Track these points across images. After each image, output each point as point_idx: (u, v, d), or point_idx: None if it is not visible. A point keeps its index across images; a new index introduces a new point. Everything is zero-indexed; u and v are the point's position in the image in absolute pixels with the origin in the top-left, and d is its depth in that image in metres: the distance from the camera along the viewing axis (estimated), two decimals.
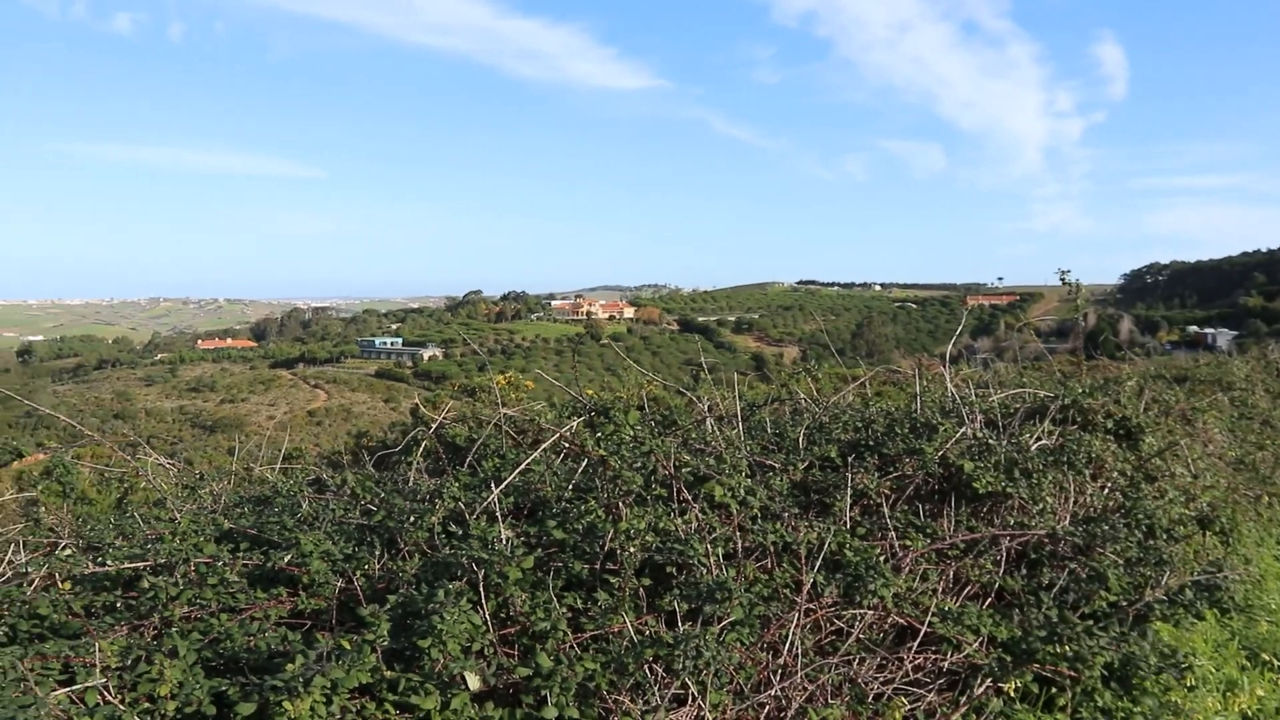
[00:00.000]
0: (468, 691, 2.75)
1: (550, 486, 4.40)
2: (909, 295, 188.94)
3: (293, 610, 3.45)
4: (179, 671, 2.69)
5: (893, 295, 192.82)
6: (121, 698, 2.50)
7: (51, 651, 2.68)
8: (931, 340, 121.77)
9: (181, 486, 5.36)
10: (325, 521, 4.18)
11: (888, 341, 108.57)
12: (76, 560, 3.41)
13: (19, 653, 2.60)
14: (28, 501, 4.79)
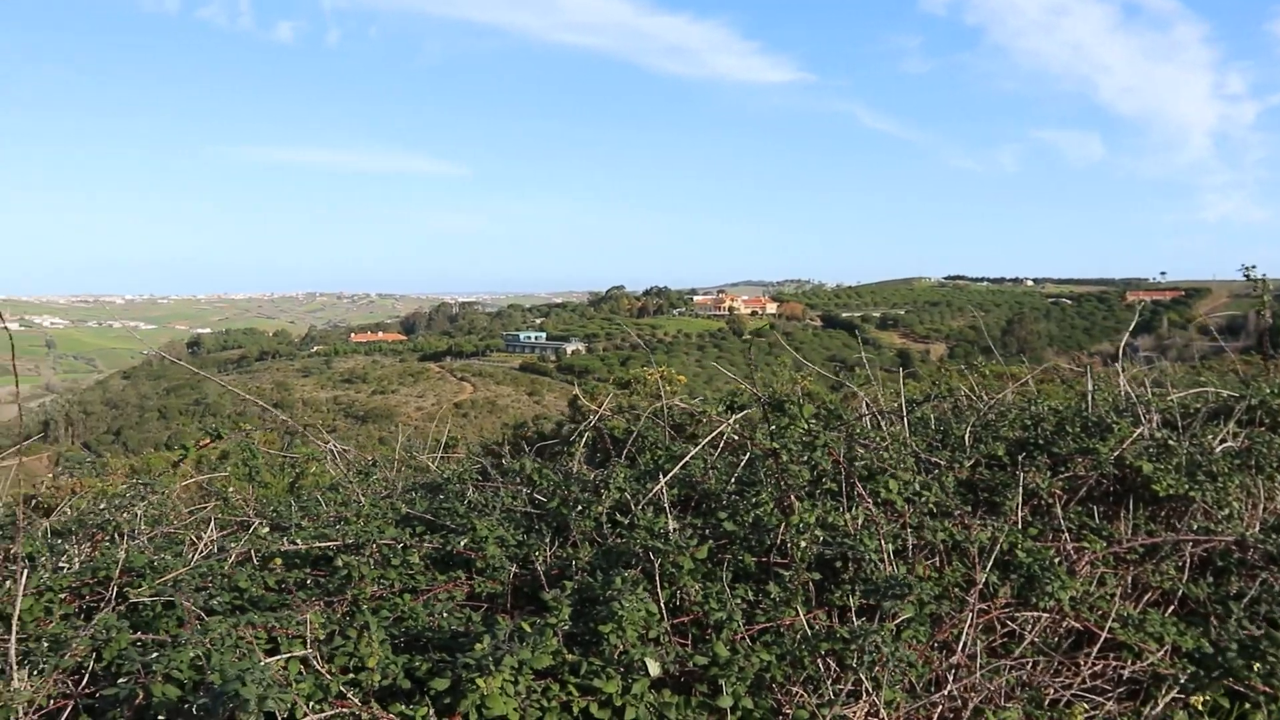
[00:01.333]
0: (648, 678, 2.79)
1: (713, 479, 4.44)
2: (1063, 291, 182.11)
3: (469, 593, 3.57)
4: (376, 646, 2.81)
5: (1045, 291, 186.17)
6: (325, 668, 2.62)
7: (260, 621, 2.83)
8: (1087, 338, 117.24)
9: (356, 472, 5.57)
10: (494, 509, 4.29)
11: (1040, 339, 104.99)
12: (274, 539, 3.60)
13: (233, 621, 2.76)
14: (209, 482, 5.04)
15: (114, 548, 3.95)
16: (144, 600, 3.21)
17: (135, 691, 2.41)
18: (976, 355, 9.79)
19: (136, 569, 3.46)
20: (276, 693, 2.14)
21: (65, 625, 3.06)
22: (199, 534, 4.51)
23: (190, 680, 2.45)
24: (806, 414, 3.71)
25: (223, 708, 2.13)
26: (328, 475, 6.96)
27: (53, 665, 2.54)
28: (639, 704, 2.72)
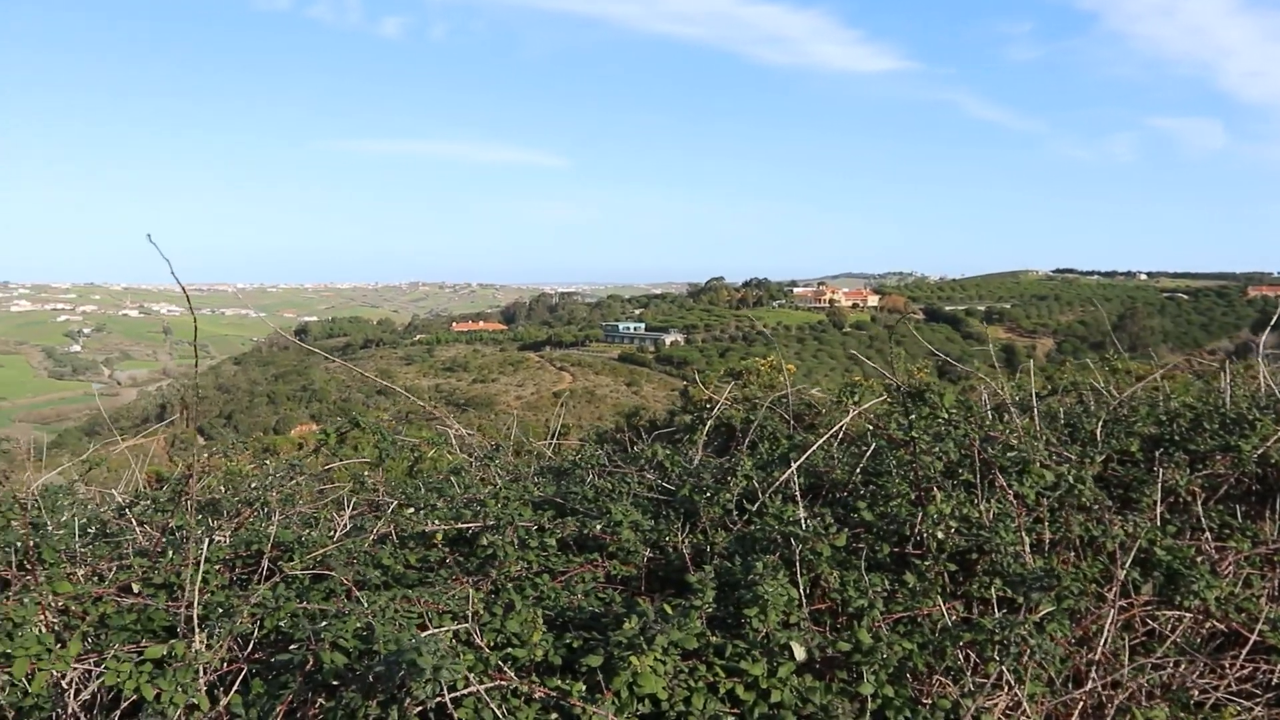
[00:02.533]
0: (793, 661, 2.80)
1: (839, 469, 4.43)
2: (1179, 285, 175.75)
3: (604, 576, 3.62)
4: (521, 622, 2.88)
5: (1160, 285, 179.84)
6: (485, 642, 2.70)
7: (415, 596, 2.93)
8: (1204, 334, 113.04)
9: (480, 456, 5.68)
10: (621, 494, 4.35)
11: (1154, 335, 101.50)
12: (418, 518, 3.71)
13: (390, 594, 2.86)
14: (342, 464, 5.18)
15: (260, 524, 4.11)
16: (296, 574, 3.33)
17: (306, 658, 2.51)
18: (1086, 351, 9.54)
19: (285, 544, 3.59)
20: (450, 663, 2.21)
21: (226, 594, 3.20)
22: (333, 514, 4.67)
23: (356, 649, 2.54)
24: (948, 403, 3.67)
25: (398, 675, 2.22)
26: (445, 460, 7.11)
27: (226, 631, 2.66)
28: (784, 687, 2.74)
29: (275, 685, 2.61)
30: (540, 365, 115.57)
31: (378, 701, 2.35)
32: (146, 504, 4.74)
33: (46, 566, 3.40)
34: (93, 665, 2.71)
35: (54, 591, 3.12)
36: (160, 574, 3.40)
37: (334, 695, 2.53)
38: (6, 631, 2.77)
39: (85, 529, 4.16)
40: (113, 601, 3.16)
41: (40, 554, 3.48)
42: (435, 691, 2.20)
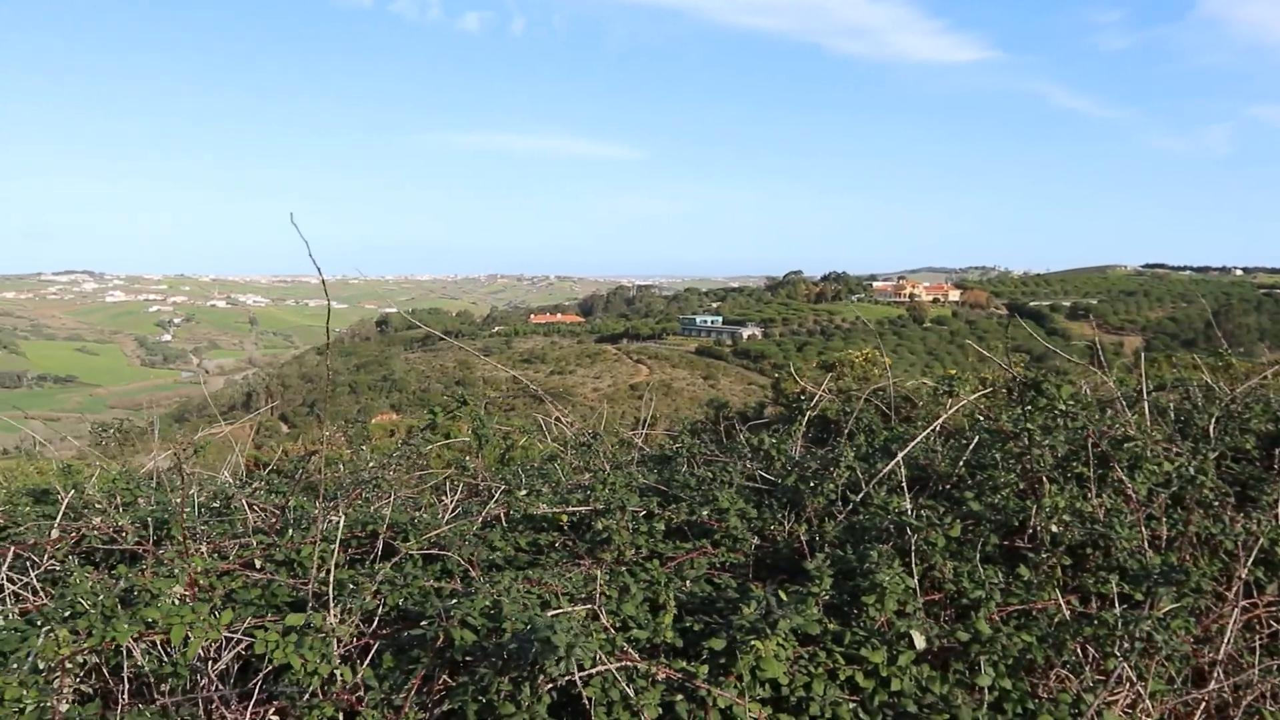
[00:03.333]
0: (913, 650, 2.79)
1: (943, 461, 4.39)
2: (1277, 281, 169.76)
3: (711, 563, 3.63)
4: (636, 605, 2.91)
5: (1257, 281, 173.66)
6: (610, 622, 2.73)
7: (535, 577, 2.97)
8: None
9: (576, 444, 5.73)
10: (722, 482, 4.35)
11: (1249, 333, 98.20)
12: (530, 501, 3.76)
13: (512, 575, 2.91)
14: (415, 449, 5.23)
15: (368, 506, 4.21)
16: (412, 554, 3.40)
17: (437, 634, 2.57)
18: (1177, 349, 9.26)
19: (399, 525, 3.67)
20: (583, 642, 2.24)
21: (349, 572, 3.29)
22: (433, 498, 4.75)
23: (484, 627, 2.59)
24: (1065, 395, 3.62)
25: (532, 653, 2.25)
26: (536, 448, 7.18)
27: (358, 606, 2.73)
28: (904, 676, 2.73)
29: (405, 660, 2.67)
30: (617, 358, 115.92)
31: (509, 678, 2.39)
32: (258, 485, 4.87)
33: (175, 542, 3.51)
34: (225, 636, 2.79)
35: (184, 565, 3.22)
36: (281, 551, 3.50)
37: (464, 671, 2.59)
38: (145, 602, 2.87)
39: (204, 508, 4.29)
40: (242, 577, 3.25)
41: (170, 530, 3.60)
42: (568, 670, 2.23)
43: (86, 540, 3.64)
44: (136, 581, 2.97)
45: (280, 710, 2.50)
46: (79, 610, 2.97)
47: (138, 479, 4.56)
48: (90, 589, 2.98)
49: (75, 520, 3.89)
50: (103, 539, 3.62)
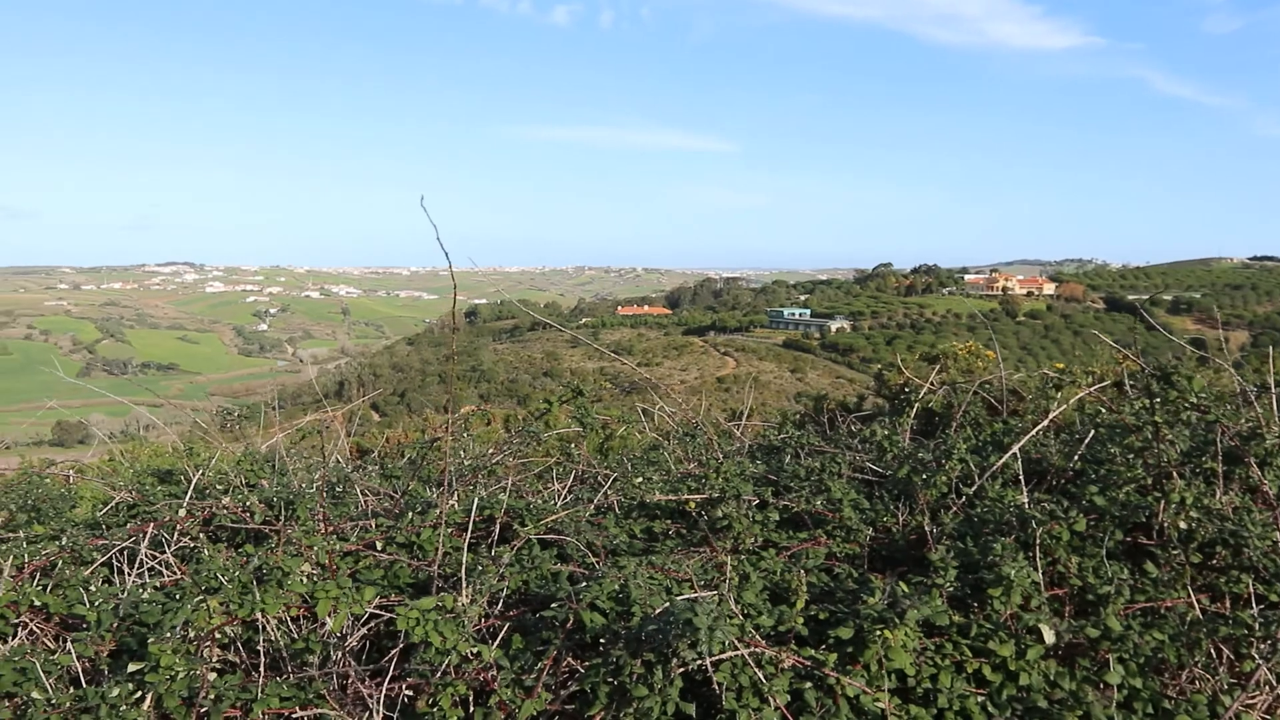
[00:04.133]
0: (1042, 644, 2.74)
1: (1057, 454, 4.30)
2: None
3: (826, 553, 3.61)
4: (755, 593, 2.91)
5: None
6: (739, 609, 2.73)
7: (658, 563, 2.99)
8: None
9: (681, 434, 5.74)
10: (831, 473, 4.33)
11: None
12: (647, 487, 3.78)
13: (637, 561, 2.93)
14: (515, 439, 5.27)
15: (481, 491, 4.27)
16: (530, 538, 3.45)
17: (566, 617, 2.60)
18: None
19: (515, 510, 3.72)
20: (723, 626, 2.25)
21: (471, 556, 3.35)
22: (538, 484, 4.80)
23: (612, 610, 2.62)
24: (1197, 387, 3.51)
25: (673, 635, 2.27)
26: (634, 438, 7.21)
27: (486, 588, 2.78)
28: (1033, 671, 2.68)
29: (534, 641, 2.71)
30: (704, 350, 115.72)
31: (642, 661, 2.40)
32: (371, 470, 4.98)
33: (300, 523, 3.61)
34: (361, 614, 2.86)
35: (309, 545, 3.31)
36: (401, 534, 3.57)
37: (590, 654, 2.62)
38: (277, 580, 2.96)
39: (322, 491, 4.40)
40: (368, 558, 3.34)
41: (295, 511, 3.70)
42: (710, 652, 2.24)
43: (216, 519, 3.77)
44: (269, 560, 3.06)
45: (413, 687, 2.56)
46: (213, 586, 3.08)
47: (261, 461, 4.70)
48: (223, 565, 3.08)
49: (201, 500, 4.03)
50: (231, 518, 3.73)
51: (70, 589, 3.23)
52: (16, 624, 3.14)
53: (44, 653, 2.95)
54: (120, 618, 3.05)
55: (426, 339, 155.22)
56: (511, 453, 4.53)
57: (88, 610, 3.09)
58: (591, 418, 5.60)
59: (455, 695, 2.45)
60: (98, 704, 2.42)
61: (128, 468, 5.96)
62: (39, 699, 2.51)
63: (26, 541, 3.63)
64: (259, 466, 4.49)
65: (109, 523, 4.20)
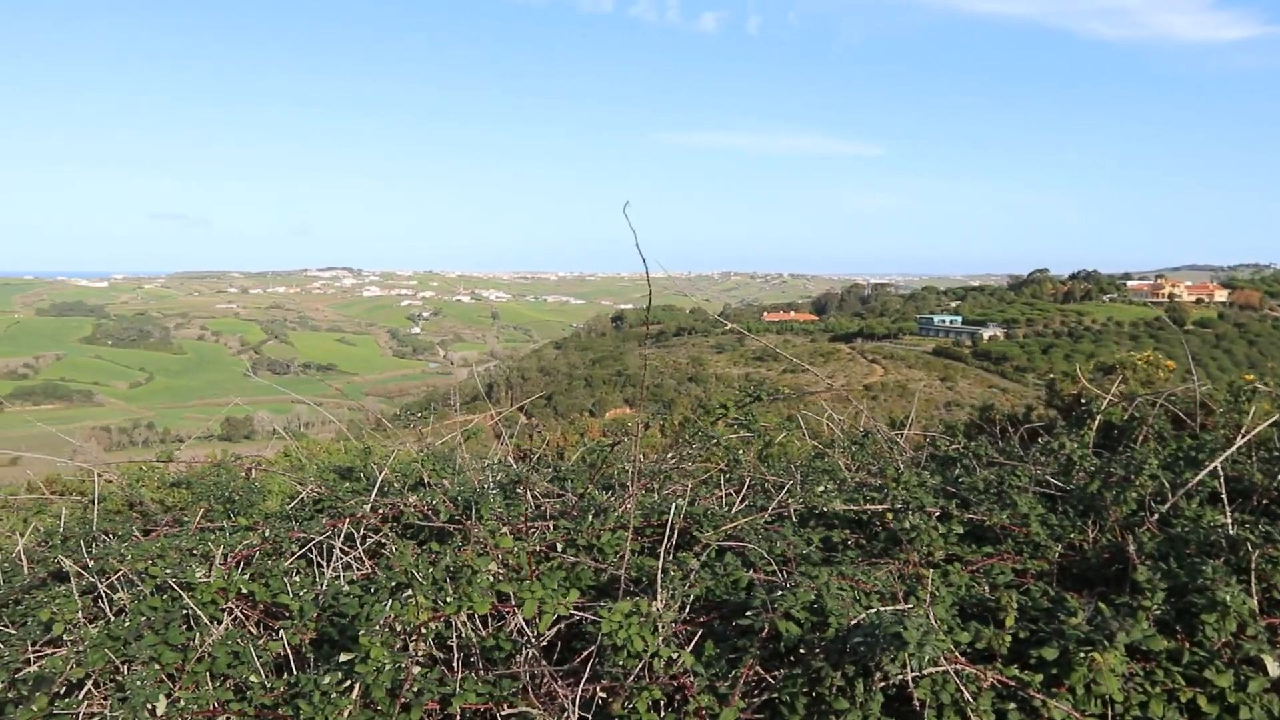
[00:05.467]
0: (1265, 677, 2.59)
1: (1259, 472, 4.08)
2: None
3: (1014, 567, 3.50)
4: (945, 608, 2.84)
5: None
6: (940, 624, 2.67)
7: (849, 574, 2.95)
8: None
9: (848, 442, 5.65)
10: (1011, 486, 4.19)
11: None
12: (828, 496, 3.74)
13: (828, 571, 2.90)
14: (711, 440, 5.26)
15: (649, 496, 4.29)
16: (709, 544, 3.44)
17: (762, 625, 2.59)
18: None
19: (693, 515, 3.72)
20: (933, 640, 2.20)
21: (648, 559, 3.37)
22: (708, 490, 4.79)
23: (807, 620, 2.59)
24: None
25: (880, 648, 2.24)
26: (794, 445, 7.13)
27: (680, 593, 2.79)
28: (1254, 704, 2.54)
29: (726, 648, 2.71)
30: (851, 357, 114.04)
31: (843, 673, 2.37)
32: (545, 471, 5.06)
33: (483, 522, 3.70)
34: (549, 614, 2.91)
35: (495, 544, 3.38)
36: (582, 537, 3.61)
37: (782, 662, 2.60)
38: (467, 578, 3.04)
39: (497, 491, 4.49)
40: (556, 559, 3.39)
41: (478, 511, 3.79)
42: (918, 666, 2.20)
43: (405, 516, 3.89)
44: (459, 558, 3.14)
45: (606, 689, 2.59)
46: (403, 581, 3.18)
47: (441, 460, 4.83)
48: (412, 562, 3.18)
49: (384, 497, 4.17)
50: (418, 516, 3.85)
51: (273, 578, 3.39)
52: (224, 610, 3.31)
53: (250, 638, 3.10)
54: (321, 608, 3.18)
55: (573, 343, 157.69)
56: (690, 457, 4.54)
57: (291, 599, 3.23)
58: (759, 423, 5.58)
59: (649, 699, 2.46)
60: (311, 690, 2.53)
61: (311, 464, 6.21)
62: (256, 682, 2.64)
63: (228, 532, 3.82)
64: (440, 466, 4.61)
65: (297, 516, 4.38)
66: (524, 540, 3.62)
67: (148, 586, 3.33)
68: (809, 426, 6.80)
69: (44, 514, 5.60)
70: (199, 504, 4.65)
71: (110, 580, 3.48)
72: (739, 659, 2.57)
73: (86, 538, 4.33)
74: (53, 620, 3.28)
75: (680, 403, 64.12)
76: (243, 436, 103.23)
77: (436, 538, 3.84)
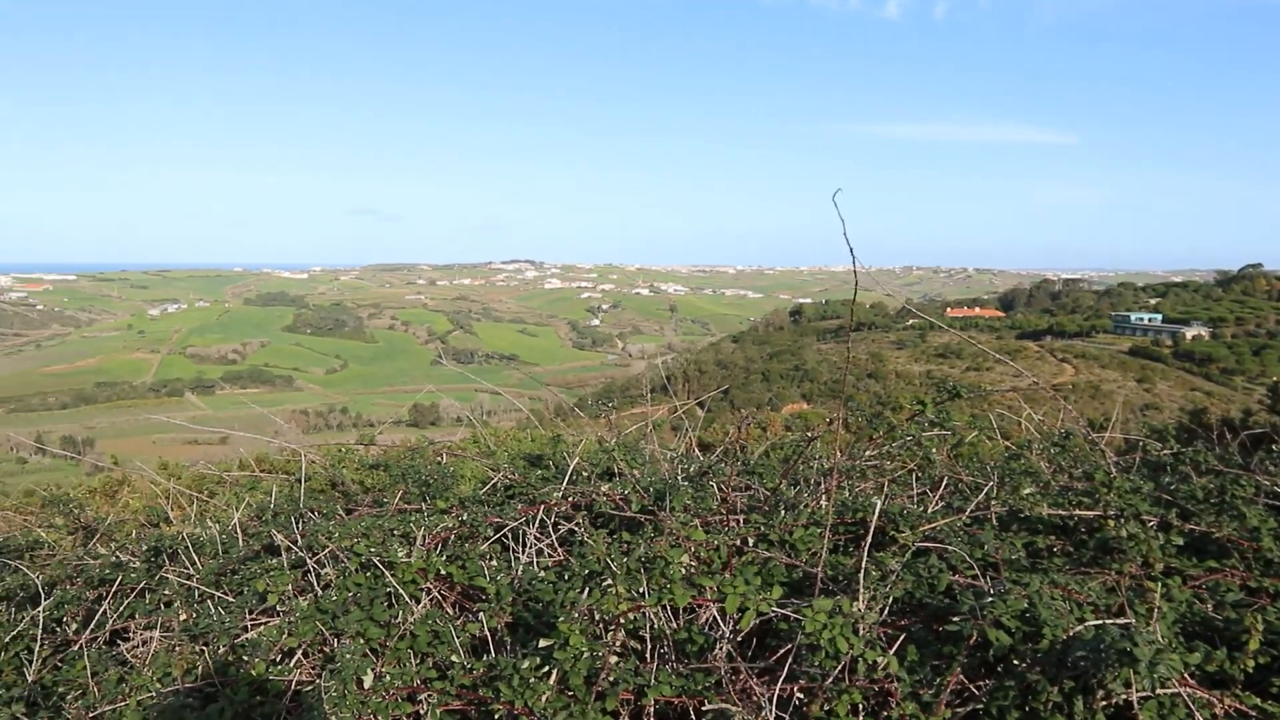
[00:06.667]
0: None
1: None
2: None
3: (1243, 585, 3.24)
4: (1168, 626, 2.65)
5: None
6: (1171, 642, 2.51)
7: (1061, 582, 2.80)
8: None
9: (1049, 443, 5.39)
10: (1237, 497, 3.90)
11: None
12: (1036, 500, 3.57)
13: (1040, 580, 2.75)
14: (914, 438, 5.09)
15: (845, 490, 4.18)
16: (909, 544, 3.33)
17: (970, 632, 2.47)
18: None
19: (889, 514, 3.61)
20: (1166, 658, 2.06)
21: (842, 557, 3.28)
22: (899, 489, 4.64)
23: (1018, 630, 2.46)
24: None
25: (1105, 664, 2.10)
26: (984, 445, 6.86)
27: (882, 594, 2.70)
28: None
29: (930, 654, 2.60)
30: (1040, 355, 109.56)
31: (1060, 689, 2.24)
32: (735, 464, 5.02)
33: (674, 514, 3.68)
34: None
35: (687, 536, 3.36)
36: (774, 532, 3.55)
37: (994, 673, 2.48)
38: (660, 569, 3.02)
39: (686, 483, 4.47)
40: (752, 552, 3.35)
41: (670, 502, 3.78)
42: (1147, 687, 2.05)
43: (597, 505, 3.92)
44: (653, 549, 3.13)
45: (804, 690, 2.52)
46: (595, 570, 3.19)
47: (630, 450, 4.86)
48: (605, 551, 3.19)
49: (574, 485, 4.21)
50: (610, 505, 3.87)
51: (469, 561, 3.46)
52: (423, 589, 3.40)
53: (448, 618, 3.18)
54: (516, 592, 3.23)
55: (751, 337, 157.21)
56: (887, 455, 4.42)
57: (488, 583, 3.29)
58: (952, 422, 5.38)
59: (849, 702, 2.39)
60: (510, 673, 2.56)
61: (501, 450, 6.36)
62: (456, 662, 2.69)
63: (426, 514, 3.93)
64: (631, 456, 4.63)
65: (490, 501, 4.48)
66: (714, 533, 3.59)
67: (353, 564, 3.47)
68: (999, 426, 6.54)
69: (256, 490, 5.92)
70: (396, 486, 4.81)
71: (318, 556, 3.63)
72: (944, 666, 2.47)
73: (294, 514, 4.55)
74: (267, 591, 3.44)
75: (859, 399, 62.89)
76: (429, 422, 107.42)
77: (627, 528, 3.86)
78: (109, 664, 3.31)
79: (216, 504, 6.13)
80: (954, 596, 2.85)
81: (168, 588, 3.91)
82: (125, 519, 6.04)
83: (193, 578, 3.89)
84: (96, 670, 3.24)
